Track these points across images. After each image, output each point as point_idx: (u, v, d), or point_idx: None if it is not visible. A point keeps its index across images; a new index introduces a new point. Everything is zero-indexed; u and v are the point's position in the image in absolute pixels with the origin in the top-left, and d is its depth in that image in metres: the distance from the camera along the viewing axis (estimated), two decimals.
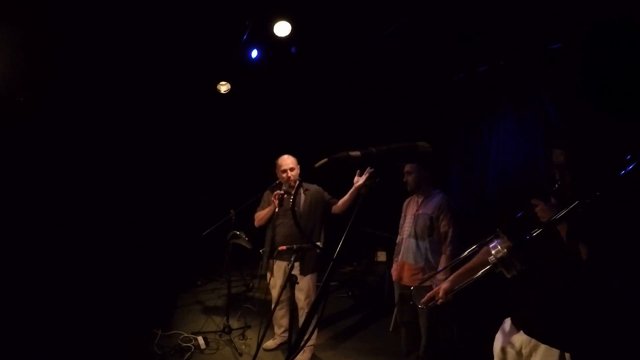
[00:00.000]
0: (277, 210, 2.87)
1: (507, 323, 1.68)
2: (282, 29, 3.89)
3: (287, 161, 2.94)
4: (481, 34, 3.62)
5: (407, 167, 2.65)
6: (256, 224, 3.07)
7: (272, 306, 2.90)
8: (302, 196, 3.00)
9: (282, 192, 2.88)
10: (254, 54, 4.68)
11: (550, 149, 1.60)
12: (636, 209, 1.53)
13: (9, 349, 2.92)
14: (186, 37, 4.38)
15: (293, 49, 4.48)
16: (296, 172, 2.94)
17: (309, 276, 2.92)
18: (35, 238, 4.17)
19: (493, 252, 1.39)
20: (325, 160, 0.80)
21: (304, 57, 4.68)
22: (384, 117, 5.81)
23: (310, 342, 3.03)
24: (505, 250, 1.36)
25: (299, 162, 3.03)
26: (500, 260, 1.36)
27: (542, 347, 1.49)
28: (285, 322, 3.13)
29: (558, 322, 1.49)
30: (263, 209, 3.05)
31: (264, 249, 3.08)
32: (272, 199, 2.89)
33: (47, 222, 4.30)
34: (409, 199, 2.83)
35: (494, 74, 4.16)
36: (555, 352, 1.46)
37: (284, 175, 2.92)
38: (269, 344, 3.20)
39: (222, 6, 3.85)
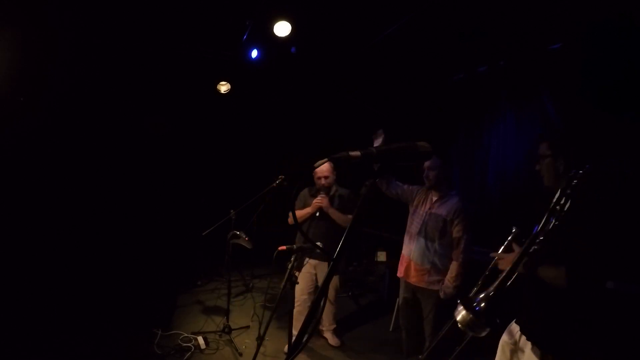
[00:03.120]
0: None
1: (513, 322, 1.76)
2: (282, 29, 3.89)
3: (322, 169, 3.05)
4: (481, 34, 3.62)
5: (429, 163, 2.55)
6: (290, 221, 3.17)
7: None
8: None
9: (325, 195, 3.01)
10: (254, 54, 4.67)
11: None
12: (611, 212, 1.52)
13: (9, 349, 2.92)
14: (186, 36, 4.38)
15: (293, 49, 4.48)
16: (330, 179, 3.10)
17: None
18: (36, 238, 4.16)
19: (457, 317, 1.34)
20: (325, 160, 0.80)
21: (304, 57, 4.68)
22: (384, 117, 5.80)
23: (332, 326, 3.34)
24: (468, 316, 1.31)
25: (300, 161, 3.06)
26: (467, 326, 1.31)
27: (530, 344, 1.57)
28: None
29: (547, 323, 1.53)
30: (299, 208, 3.14)
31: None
32: (316, 202, 2.98)
33: (47, 222, 4.30)
34: (422, 189, 2.73)
35: (494, 74, 4.16)
36: (538, 352, 1.52)
37: (319, 182, 3.05)
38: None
39: (222, 6, 3.84)
